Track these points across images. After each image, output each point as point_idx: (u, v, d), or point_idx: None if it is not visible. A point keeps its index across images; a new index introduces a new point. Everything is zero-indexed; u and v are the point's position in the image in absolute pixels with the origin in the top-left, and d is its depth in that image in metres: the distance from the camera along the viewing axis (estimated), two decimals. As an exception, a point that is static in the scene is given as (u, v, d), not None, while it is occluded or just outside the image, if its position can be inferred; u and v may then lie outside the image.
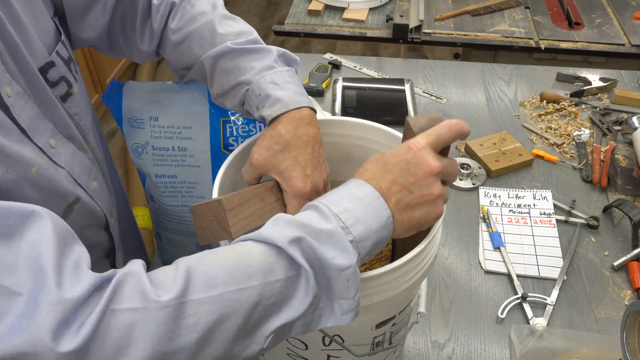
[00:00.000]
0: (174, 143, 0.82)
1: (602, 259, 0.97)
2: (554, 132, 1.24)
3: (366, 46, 3.17)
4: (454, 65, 1.48)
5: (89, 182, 0.66)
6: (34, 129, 0.57)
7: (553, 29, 1.68)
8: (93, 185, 0.67)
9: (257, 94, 0.67)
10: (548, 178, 1.13)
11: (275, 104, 0.65)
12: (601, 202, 1.07)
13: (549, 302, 0.89)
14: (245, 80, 0.68)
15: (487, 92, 1.37)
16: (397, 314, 0.62)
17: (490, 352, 0.83)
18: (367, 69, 1.45)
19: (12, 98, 0.54)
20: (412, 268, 0.57)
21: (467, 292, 0.92)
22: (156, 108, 0.81)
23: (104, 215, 0.70)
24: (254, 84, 0.67)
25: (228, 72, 0.70)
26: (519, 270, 0.94)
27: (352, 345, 0.61)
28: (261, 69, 0.68)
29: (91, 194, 0.66)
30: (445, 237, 1.01)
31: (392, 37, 1.66)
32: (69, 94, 0.64)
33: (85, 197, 0.64)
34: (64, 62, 0.63)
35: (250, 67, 0.69)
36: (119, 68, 2.87)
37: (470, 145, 1.17)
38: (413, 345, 0.84)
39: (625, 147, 1.20)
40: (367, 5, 1.76)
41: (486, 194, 1.08)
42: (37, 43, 0.59)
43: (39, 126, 0.58)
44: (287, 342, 0.64)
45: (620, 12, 1.75)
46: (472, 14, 1.75)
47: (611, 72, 1.44)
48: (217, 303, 0.44)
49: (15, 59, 0.55)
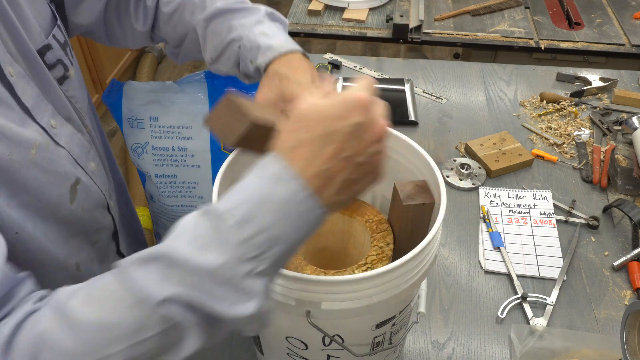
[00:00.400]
0: (174, 143, 0.83)
1: (602, 259, 0.97)
2: (554, 132, 1.24)
3: (366, 46, 3.17)
4: (454, 65, 1.48)
5: (87, 163, 0.67)
6: (37, 108, 0.58)
7: (553, 29, 1.68)
8: (91, 166, 0.68)
9: (249, 47, 0.68)
10: (548, 178, 1.13)
11: (266, 52, 0.66)
12: (601, 202, 1.07)
13: (549, 302, 0.89)
14: (237, 37, 0.70)
15: (487, 92, 1.37)
16: (397, 314, 0.62)
17: (490, 352, 0.83)
18: (367, 69, 1.45)
19: (14, 77, 0.55)
20: (412, 268, 0.57)
21: (467, 292, 0.92)
22: (156, 108, 0.81)
23: (104, 196, 0.71)
24: (245, 39, 0.69)
25: (219, 33, 0.72)
26: (519, 270, 0.94)
27: (352, 345, 0.61)
28: (251, 25, 0.70)
29: (90, 175, 0.67)
30: (445, 237, 1.01)
31: (392, 37, 1.66)
32: (65, 76, 0.66)
33: (85, 178, 0.65)
34: (60, 46, 0.65)
35: (240, 24, 0.71)
36: (119, 68, 2.87)
37: (470, 145, 1.17)
38: (413, 345, 0.84)
39: (625, 147, 1.20)
40: (367, 5, 1.76)
41: (486, 194, 1.08)
42: (34, 26, 0.60)
43: (40, 106, 0.59)
44: (287, 342, 0.64)
45: (620, 12, 1.75)
46: (472, 14, 1.75)
47: (611, 72, 1.44)
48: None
49: (15, 40, 0.56)
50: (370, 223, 0.70)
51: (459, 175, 1.11)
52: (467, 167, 1.11)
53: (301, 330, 0.61)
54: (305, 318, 0.55)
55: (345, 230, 0.74)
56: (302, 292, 0.54)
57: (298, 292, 0.54)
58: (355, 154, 0.42)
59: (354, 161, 0.42)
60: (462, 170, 1.11)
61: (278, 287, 0.55)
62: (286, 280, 0.54)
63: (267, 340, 0.68)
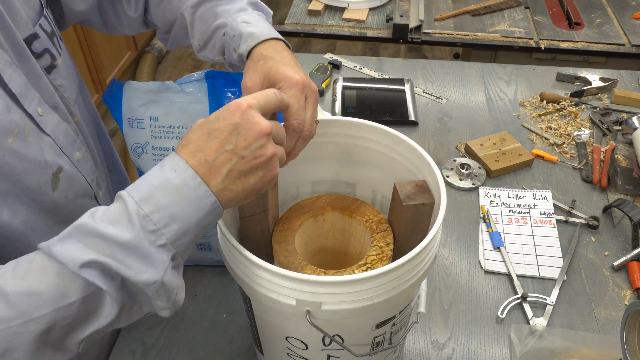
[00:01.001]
0: (174, 143, 0.82)
1: (602, 259, 0.97)
2: (554, 132, 1.24)
3: (366, 46, 3.17)
4: (454, 65, 1.48)
5: (72, 152, 0.67)
6: (24, 95, 0.58)
7: (553, 29, 1.68)
8: (77, 156, 0.68)
9: (232, 35, 0.70)
10: (548, 178, 1.13)
11: (248, 39, 0.68)
12: (601, 202, 1.07)
13: (549, 302, 0.89)
14: (221, 24, 0.72)
15: (487, 92, 1.37)
16: (397, 314, 0.62)
17: (490, 352, 0.83)
18: (367, 69, 1.45)
19: (1, 65, 0.55)
20: (412, 268, 0.57)
21: (467, 292, 0.92)
22: (156, 108, 0.81)
23: (89, 185, 0.71)
24: (229, 27, 0.71)
25: (205, 20, 0.74)
26: (519, 270, 0.94)
27: (352, 345, 0.61)
28: (234, 11, 0.72)
29: (75, 164, 0.67)
30: (445, 237, 1.01)
31: (392, 37, 1.66)
32: (53, 65, 0.66)
33: (69, 167, 0.66)
34: (47, 35, 0.65)
35: (225, 10, 0.73)
36: (119, 68, 2.87)
37: (470, 145, 1.17)
38: (413, 345, 0.84)
39: (625, 147, 1.20)
40: (367, 5, 1.76)
41: (486, 194, 1.08)
42: (21, 15, 0.61)
43: (28, 94, 0.59)
44: (287, 342, 0.64)
45: (620, 12, 1.75)
46: (472, 14, 1.75)
47: (611, 72, 1.44)
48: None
49: (2, 28, 0.57)
50: (370, 223, 0.70)
51: (459, 175, 1.12)
52: (467, 167, 1.11)
53: (301, 330, 0.61)
54: (305, 318, 0.55)
55: (345, 230, 0.74)
56: (302, 292, 0.54)
57: (298, 292, 0.54)
58: (237, 147, 0.48)
59: (238, 154, 0.48)
60: (462, 170, 1.11)
61: (278, 287, 0.55)
62: (286, 280, 0.54)
63: (267, 340, 0.68)
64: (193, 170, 0.48)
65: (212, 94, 0.81)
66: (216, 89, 0.81)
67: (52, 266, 0.46)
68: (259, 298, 0.57)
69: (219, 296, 0.89)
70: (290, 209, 0.73)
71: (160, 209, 0.46)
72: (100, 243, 0.46)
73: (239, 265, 0.58)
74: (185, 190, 0.47)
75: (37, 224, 0.62)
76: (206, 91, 0.81)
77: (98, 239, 0.46)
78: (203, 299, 0.88)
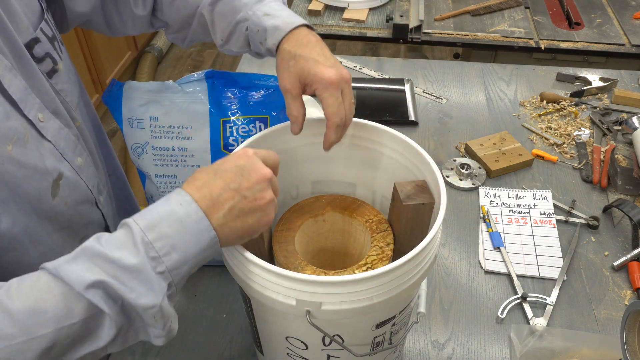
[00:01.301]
0: (174, 143, 0.82)
1: (602, 259, 0.97)
2: (554, 132, 1.24)
3: (366, 46, 3.17)
4: (454, 65, 1.48)
5: (74, 158, 0.67)
6: (24, 101, 0.58)
7: (553, 29, 1.68)
8: (78, 161, 0.68)
9: (256, 30, 0.71)
10: (548, 178, 1.13)
11: (274, 33, 0.69)
12: (601, 202, 1.07)
13: (549, 302, 0.89)
14: (242, 18, 0.73)
15: (487, 92, 1.37)
16: (397, 314, 0.62)
17: (490, 352, 0.83)
18: (367, 69, 1.45)
19: (1, 70, 0.55)
20: (412, 268, 0.57)
21: (467, 292, 0.92)
22: (156, 108, 0.81)
23: (90, 191, 0.71)
24: (250, 22, 0.72)
25: (225, 15, 0.74)
26: (519, 270, 0.94)
27: (352, 345, 0.61)
28: (252, 4, 0.72)
29: (76, 170, 0.67)
30: (445, 237, 1.01)
31: (392, 37, 1.66)
32: (54, 70, 0.66)
33: (70, 173, 0.65)
34: (48, 39, 0.65)
35: (243, 4, 0.73)
36: (119, 68, 2.87)
37: (470, 145, 1.17)
38: (413, 345, 0.84)
39: (625, 147, 1.20)
40: (367, 5, 1.76)
41: (486, 194, 1.08)
42: (22, 20, 0.60)
43: (28, 99, 0.59)
44: (287, 342, 0.64)
45: (620, 12, 1.75)
46: (472, 14, 1.75)
47: (611, 72, 1.44)
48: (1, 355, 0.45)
49: (2, 33, 0.56)
50: (370, 223, 0.70)
51: (459, 175, 1.12)
52: (467, 167, 1.11)
53: (301, 330, 0.61)
54: (305, 318, 0.55)
55: (345, 230, 0.74)
56: (302, 292, 0.54)
57: (298, 292, 0.54)
58: (240, 187, 0.52)
59: (241, 193, 0.51)
60: (462, 170, 1.11)
61: (278, 287, 0.55)
62: (286, 280, 0.54)
63: (267, 340, 0.68)
64: (197, 204, 0.50)
65: (212, 94, 0.81)
66: (216, 89, 0.81)
67: (57, 286, 0.47)
68: (259, 298, 0.57)
69: (219, 296, 0.89)
70: (290, 209, 0.73)
71: (163, 238, 0.48)
72: (105, 265, 0.47)
73: (239, 265, 0.58)
74: (188, 223, 0.49)
75: (36, 232, 0.61)
76: (206, 91, 0.81)
77: (103, 261, 0.47)
78: (203, 299, 0.88)
